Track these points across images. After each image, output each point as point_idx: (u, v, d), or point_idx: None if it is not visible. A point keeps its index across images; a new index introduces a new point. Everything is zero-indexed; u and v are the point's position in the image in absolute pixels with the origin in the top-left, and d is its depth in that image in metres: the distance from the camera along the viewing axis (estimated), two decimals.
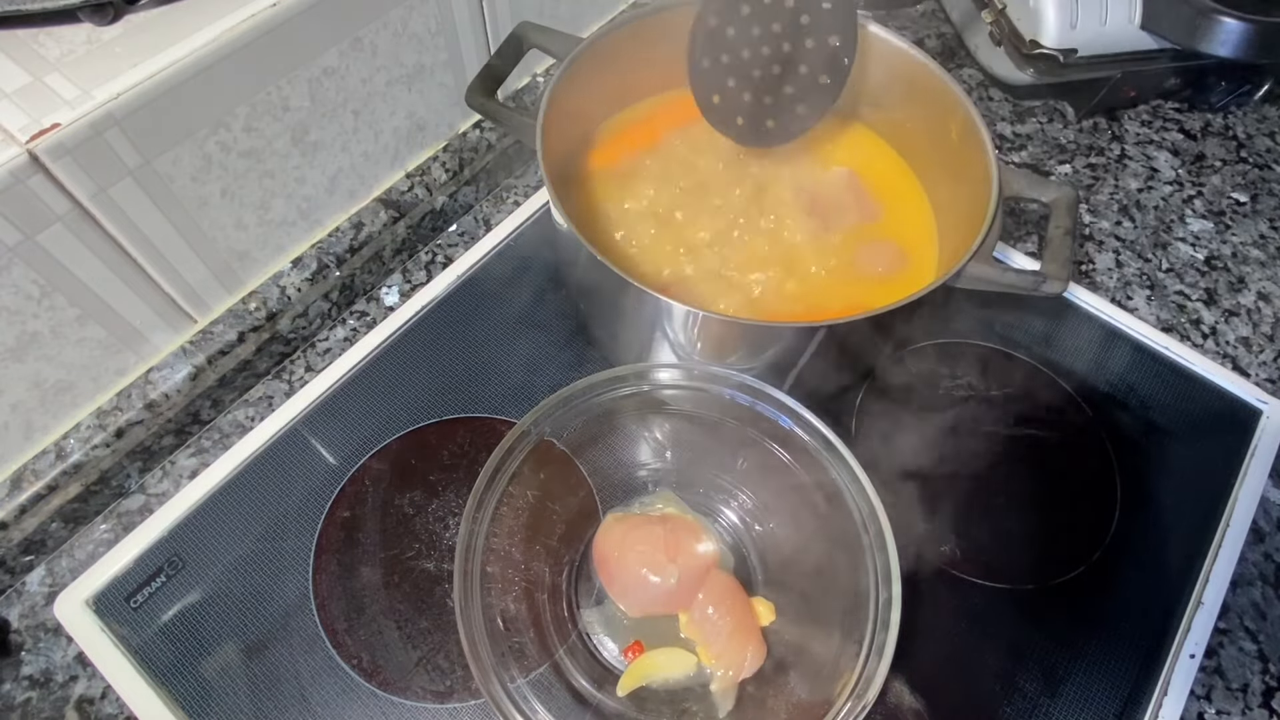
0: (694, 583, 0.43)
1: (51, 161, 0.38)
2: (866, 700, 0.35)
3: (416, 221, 0.60)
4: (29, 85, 0.39)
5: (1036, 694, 0.45)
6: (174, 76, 0.41)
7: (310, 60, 0.47)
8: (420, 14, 0.52)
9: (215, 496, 0.49)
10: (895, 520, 0.39)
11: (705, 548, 0.44)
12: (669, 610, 0.44)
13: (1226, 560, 0.49)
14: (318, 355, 0.57)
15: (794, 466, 0.43)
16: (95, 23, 0.42)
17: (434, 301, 0.57)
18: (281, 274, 0.54)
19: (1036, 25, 0.64)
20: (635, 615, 0.44)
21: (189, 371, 0.50)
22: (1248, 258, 0.64)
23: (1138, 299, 0.62)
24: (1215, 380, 0.56)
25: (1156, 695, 0.45)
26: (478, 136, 0.62)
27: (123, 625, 0.45)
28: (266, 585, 0.47)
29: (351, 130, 0.53)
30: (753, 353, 0.45)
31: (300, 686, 0.44)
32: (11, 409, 0.44)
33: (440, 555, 0.48)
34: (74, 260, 0.42)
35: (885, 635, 0.36)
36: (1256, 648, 0.48)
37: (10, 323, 0.41)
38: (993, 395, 0.55)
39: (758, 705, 0.41)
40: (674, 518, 0.46)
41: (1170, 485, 0.52)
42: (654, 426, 0.48)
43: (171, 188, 0.44)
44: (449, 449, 0.51)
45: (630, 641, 0.44)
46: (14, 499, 0.45)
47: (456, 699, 0.44)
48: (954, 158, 0.48)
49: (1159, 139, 0.72)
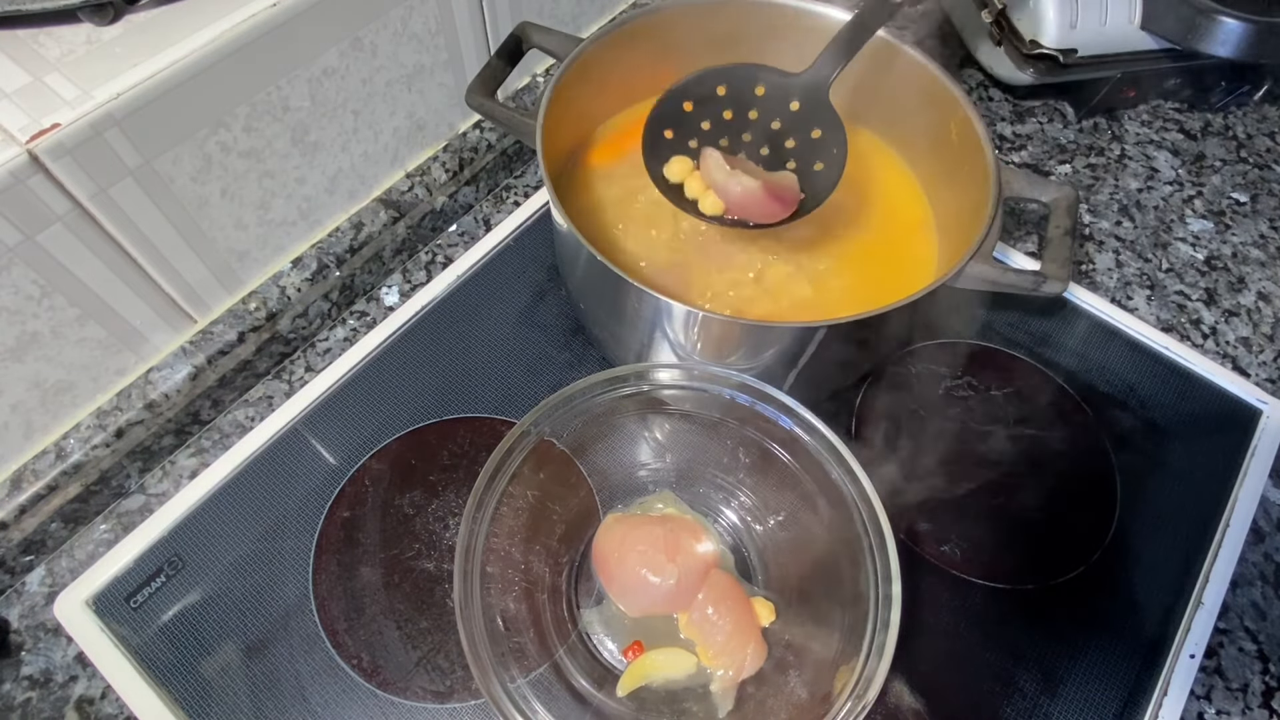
0: (694, 583, 0.43)
1: (51, 161, 0.38)
2: (866, 700, 0.35)
3: (416, 221, 0.60)
4: (29, 85, 0.39)
5: (1036, 694, 0.45)
6: (174, 76, 0.41)
7: (310, 60, 0.47)
8: (420, 14, 0.52)
9: (215, 496, 0.49)
10: (895, 520, 0.39)
11: (705, 548, 0.44)
12: (669, 610, 0.44)
13: (1226, 560, 0.49)
14: (318, 355, 0.57)
15: (794, 466, 0.43)
16: (95, 23, 0.42)
17: (434, 301, 0.57)
18: (281, 274, 0.54)
19: (1036, 25, 0.64)
20: (635, 615, 0.44)
21: (189, 371, 0.50)
22: (1248, 258, 0.64)
23: (1138, 299, 0.62)
24: (1215, 380, 0.56)
25: (1156, 695, 0.45)
26: (478, 136, 0.62)
27: (123, 625, 0.45)
28: (266, 585, 0.47)
29: (351, 130, 0.53)
30: (753, 353, 0.45)
31: (300, 686, 0.44)
32: (11, 409, 0.44)
33: (440, 555, 0.48)
34: (74, 260, 0.42)
35: (885, 635, 0.36)
36: (1256, 648, 0.48)
37: (10, 323, 0.41)
38: (993, 395, 0.55)
39: (758, 705, 0.41)
40: (674, 518, 0.46)
41: (1170, 485, 0.52)
42: (654, 426, 0.48)
43: (171, 188, 0.44)
44: (449, 449, 0.51)
45: (630, 641, 0.44)
46: (14, 499, 0.45)
47: (456, 699, 0.44)
48: (954, 158, 0.48)
49: (1159, 139, 0.72)
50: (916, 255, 0.51)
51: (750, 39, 0.53)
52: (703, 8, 0.52)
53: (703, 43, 0.54)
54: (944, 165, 0.51)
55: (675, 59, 0.54)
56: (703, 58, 0.55)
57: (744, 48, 0.54)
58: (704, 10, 0.52)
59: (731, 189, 0.45)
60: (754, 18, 0.52)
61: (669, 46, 0.53)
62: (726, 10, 0.52)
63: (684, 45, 0.53)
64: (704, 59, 0.55)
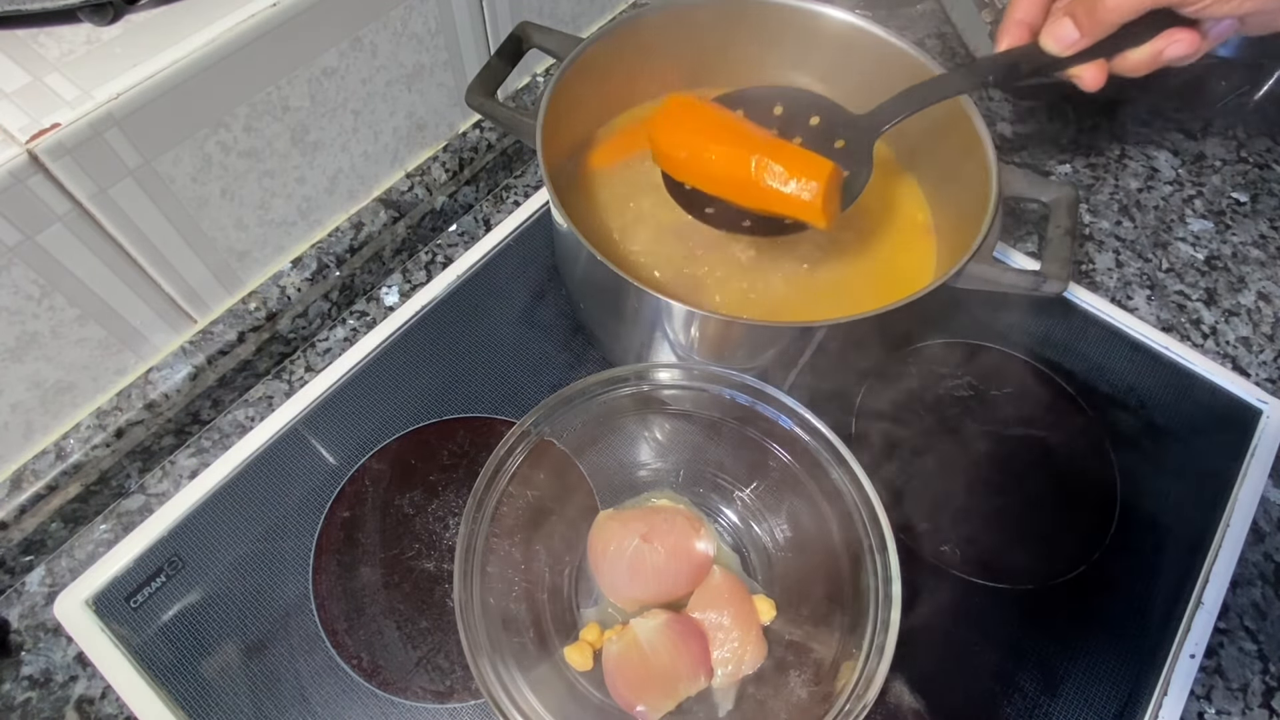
0: (683, 568, 0.43)
1: (51, 161, 0.38)
2: (866, 700, 0.35)
3: (416, 221, 0.60)
4: (29, 85, 0.39)
5: (1036, 694, 0.45)
6: (174, 76, 0.41)
7: (310, 60, 0.47)
8: (420, 14, 0.52)
9: (215, 496, 0.49)
10: (895, 520, 0.39)
11: (701, 536, 0.44)
12: (661, 599, 0.43)
13: (1226, 560, 0.49)
14: (318, 355, 0.57)
15: (794, 466, 0.43)
16: (95, 23, 0.42)
17: (434, 301, 0.57)
18: (281, 274, 0.54)
19: None
20: (627, 609, 0.44)
21: (189, 371, 0.50)
22: (1248, 258, 0.64)
23: (1138, 299, 0.62)
24: (1215, 380, 0.56)
25: (1156, 695, 0.45)
26: (478, 136, 0.62)
27: (123, 625, 0.45)
28: (266, 585, 0.47)
29: (351, 130, 0.53)
30: (753, 353, 0.45)
31: (300, 686, 0.44)
32: (11, 409, 0.44)
33: (440, 555, 0.48)
34: (74, 260, 0.42)
35: (885, 635, 0.37)
36: (1256, 648, 0.48)
37: (10, 323, 0.41)
38: (993, 395, 0.55)
39: (758, 705, 0.41)
40: (665, 508, 0.46)
41: (1170, 485, 0.52)
42: (654, 426, 0.48)
43: (171, 188, 0.44)
44: (449, 449, 0.51)
45: None
46: (14, 499, 0.45)
47: (456, 699, 0.44)
48: (954, 158, 0.48)
49: (1159, 139, 0.72)
50: (916, 255, 0.51)
51: (750, 39, 0.53)
52: (703, 8, 0.52)
53: (703, 43, 0.54)
54: (944, 165, 0.51)
55: (676, 59, 0.54)
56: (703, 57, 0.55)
57: (744, 47, 0.54)
58: (704, 10, 0.52)
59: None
60: (754, 18, 0.52)
61: (669, 46, 0.53)
62: (727, 10, 0.52)
63: (684, 45, 0.54)
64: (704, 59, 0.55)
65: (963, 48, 0.74)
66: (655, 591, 0.43)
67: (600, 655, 0.42)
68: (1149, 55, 0.39)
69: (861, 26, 0.51)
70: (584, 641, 0.42)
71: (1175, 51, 0.39)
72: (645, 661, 0.40)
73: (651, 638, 0.41)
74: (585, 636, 0.42)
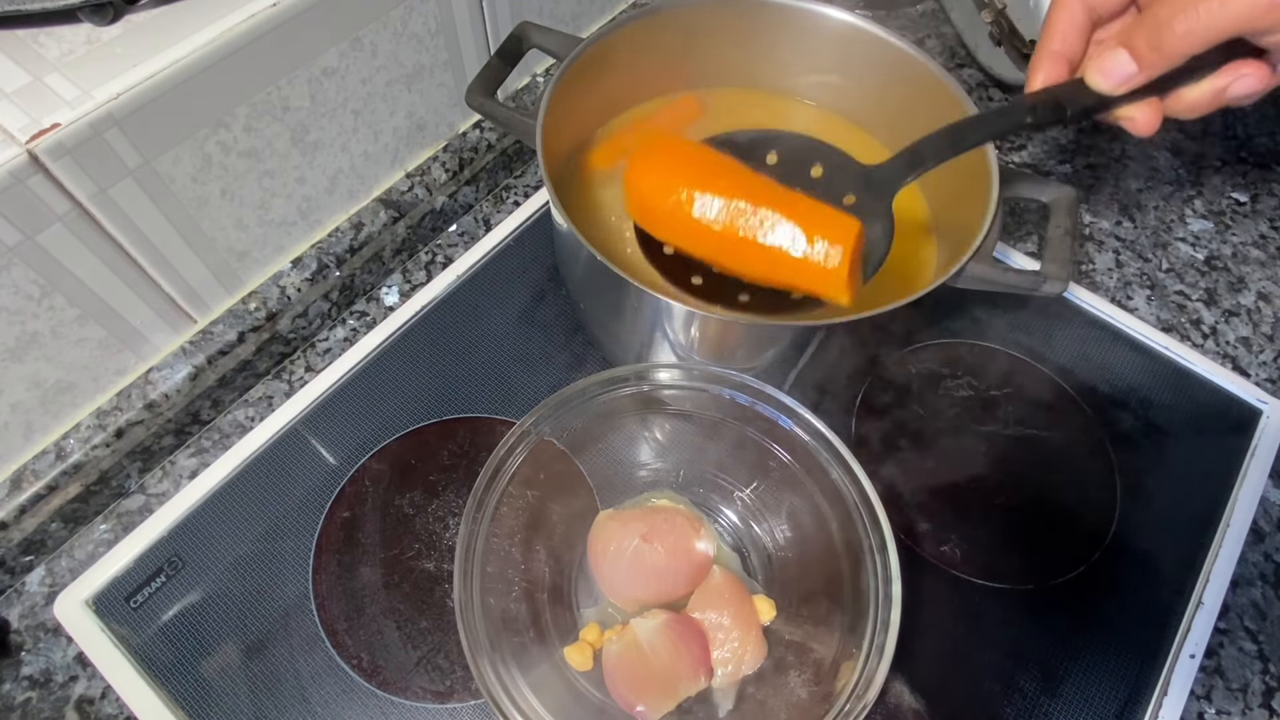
0: (683, 568, 0.43)
1: (51, 161, 0.38)
2: (866, 700, 0.35)
3: (416, 221, 0.60)
4: (29, 85, 0.39)
5: (1036, 694, 0.45)
6: (174, 76, 0.41)
7: (310, 60, 0.47)
8: (420, 14, 0.52)
9: (215, 496, 0.49)
10: (895, 520, 0.39)
11: (701, 536, 0.44)
12: (660, 599, 0.43)
13: (1226, 560, 0.49)
14: (318, 355, 0.57)
15: (794, 466, 0.43)
16: (95, 23, 0.42)
17: (434, 301, 0.57)
18: (281, 274, 0.54)
19: (1036, 25, 0.64)
20: (627, 609, 0.44)
21: (189, 371, 0.50)
22: (1248, 258, 0.64)
23: (1138, 299, 0.62)
24: (1215, 380, 0.56)
25: (1156, 695, 0.45)
26: (478, 136, 0.62)
27: (122, 625, 0.45)
28: (266, 585, 0.47)
29: (351, 130, 0.53)
30: (753, 353, 0.45)
31: (300, 686, 0.44)
32: (11, 409, 0.44)
33: (440, 555, 0.48)
34: (74, 260, 0.42)
35: (885, 635, 0.36)
36: (1256, 648, 0.48)
37: (10, 323, 0.41)
38: (993, 395, 0.55)
39: (758, 705, 0.41)
40: (665, 508, 0.46)
41: (1170, 485, 0.52)
42: (654, 426, 0.48)
43: (171, 188, 0.44)
44: (449, 449, 0.51)
45: None
46: (14, 499, 0.45)
47: (456, 699, 0.44)
48: None
49: (1159, 139, 0.72)
50: (916, 255, 0.51)
51: (751, 39, 0.53)
52: (703, 8, 0.52)
53: (703, 43, 0.54)
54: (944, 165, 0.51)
55: (676, 59, 0.54)
56: (703, 58, 0.55)
57: (744, 47, 0.54)
58: (704, 10, 0.52)
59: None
60: (755, 18, 0.52)
61: (670, 46, 0.53)
62: (727, 10, 0.52)
63: (684, 45, 0.54)
64: (704, 59, 0.55)
65: (963, 48, 0.74)
66: (655, 591, 0.43)
67: (600, 655, 0.42)
68: (1210, 93, 0.32)
69: (861, 27, 0.51)
70: (584, 641, 0.42)
71: (1241, 89, 0.32)
72: (645, 661, 0.40)
73: (651, 638, 0.41)
74: (585, 636, 0.42)
